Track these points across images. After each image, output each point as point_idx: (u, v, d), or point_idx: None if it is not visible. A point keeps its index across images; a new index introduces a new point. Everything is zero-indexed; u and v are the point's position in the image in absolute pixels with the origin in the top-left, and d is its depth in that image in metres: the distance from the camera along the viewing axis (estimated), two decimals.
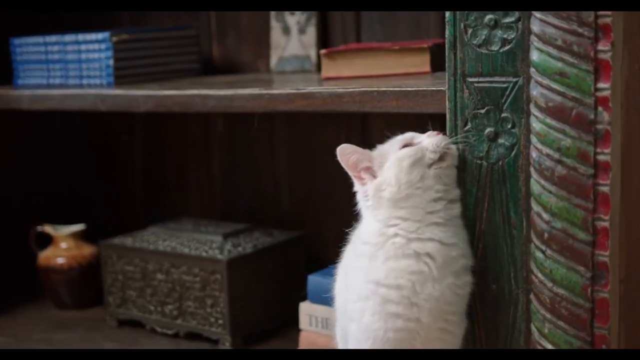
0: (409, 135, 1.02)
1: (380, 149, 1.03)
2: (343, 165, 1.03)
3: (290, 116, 1.73)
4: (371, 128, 1.65)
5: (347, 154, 1.02)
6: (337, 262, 1.13)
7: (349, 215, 1.69)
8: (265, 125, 1.76)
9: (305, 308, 1.42)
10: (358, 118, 1.65)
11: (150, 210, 1.92)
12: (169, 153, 1.91)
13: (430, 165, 0.96)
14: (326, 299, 1.18)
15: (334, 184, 1.69)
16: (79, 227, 1.78)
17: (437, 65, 1.32)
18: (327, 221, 1.72)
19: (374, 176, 1.00)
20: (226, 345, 1.50)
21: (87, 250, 1.77)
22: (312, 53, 1.64)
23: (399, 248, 0.95)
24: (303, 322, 1.43)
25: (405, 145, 0.99)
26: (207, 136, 1.85)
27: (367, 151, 1.03)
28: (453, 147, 0.97)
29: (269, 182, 1.78)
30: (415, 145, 0.98)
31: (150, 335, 1.59)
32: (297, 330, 1.45)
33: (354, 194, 1.67)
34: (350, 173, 1.03)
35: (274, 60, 1.69)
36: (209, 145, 1.85)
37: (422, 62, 1.33)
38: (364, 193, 1.01)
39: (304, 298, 1.43)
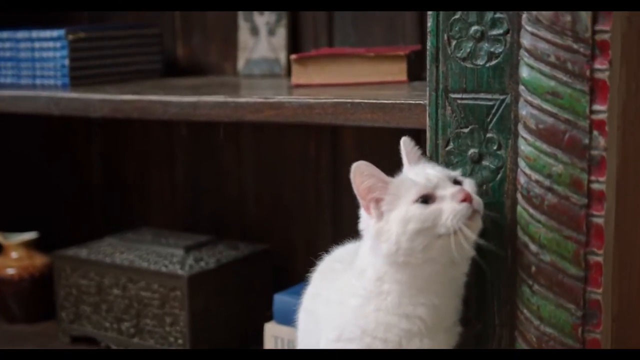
0: (434, 179, 0.85)
1: (402, 179, 0.88)
2: (353, 186, 0.88)
3: (257, 122, 1.64)
4: (342, 137, 1.57)
5: (362, 175, 0.87)
6: (305, 279, 1.05)
7: (317, 226, 1.63)
8: (232, 130, 1.67)
9: (271, 329, 1.34)
10: (329, 129, 1.58)
11: (109, 218, 1.82)
12: (129, 158, 1.81)
13: (440, 237, 0.82)
14: (293, 320, 1.10)
15: (303, 193, 1.61)
16: (31, 235, 1.67)
17: (415, 74, 1.25)
18: (294, 231, 1.64)
19: (381, 214, 0.86)
20: None
21: (40, 260, 1.66)
22: (282, 56, 1.56)
23: (391, 306, 0.86)
24: (268, 343, 1.35)
25: (422, 197, 0.84)
26: (170, 140, 1.76)
27: (387, 179, 0.88)
28: (479, 219, 0.82)
29: (235, 190, 1.70)
30: (432, 206, 0.83)
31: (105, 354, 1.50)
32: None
33: (323, 205, 1.61)
34: (358, 197, 0.88)
35: (241, 63, 1.61)
36: (172, 150, 1.76)
37: (399, 71, 1.26)
38: (366, 226, 0.88)
39: (269, 318, 1.35)
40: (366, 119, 1.03)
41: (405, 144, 0.93)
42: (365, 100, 1.02)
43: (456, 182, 0.85)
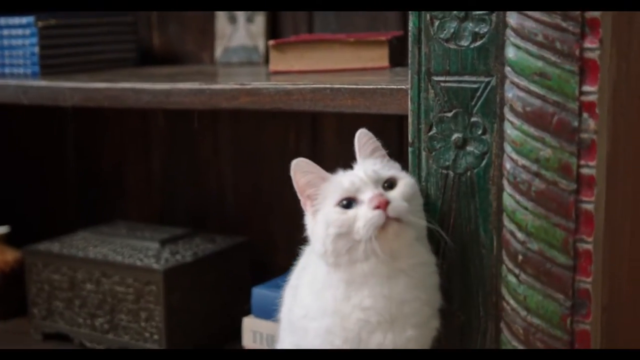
0: (358, 182, 0.82)
1: (333, 179, 0.85)
2: (293, 182, 0.88)
3: (235, 111, 1.60)
4: (323, 127, 1.53)
5: (301, 171, 0.87)
6: (285, 272, 1.02)
7: (296, 218, 1.59)
8: (209, 120, 1.63)
9: (249, 323, 1.30)
10: (308, 114, 1.54)
11: (83, 211, 1.77)
12: (105, 149, 1.76)
13: (361, 241, 0.79)
14: (272, 314, 1.06)
15: (283, 184, 1.56)
16: (1, 229, 1.62)
17: (397, 60, 1.21)
18: (274, 223, 1.60)
19: (314, 212, 0.85)
20: None
21: (11, 255, 1.61)
22: (261, 44, 1.52)
23: (342, 297, 0.83)
24: (247, 338, 1.31)
25: (344, 200, 0.81)
26: (147, 131, 1.71)
27: (325, 175, 0.87)
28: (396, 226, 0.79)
29: (213, 182, 1.66)
30: (351, 211, 0.80)
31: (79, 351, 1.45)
32: (239, 347, 1.33)
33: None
34: (298, 194, 0.88)
35: (219, 51, 1.57)
36: (149, 141, 1.71)
37: (380, 57, 1.22)
38: (307, 224, 0.88)
39: (248, 312, 1.31)
40: (346, 105, 0.99)
41: (360, 137, 0.90)
42: (345, 86, 0.99)
43: (391, 183, 0.82)
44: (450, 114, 0.84)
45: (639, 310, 0.91)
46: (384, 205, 0.79)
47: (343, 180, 0.83)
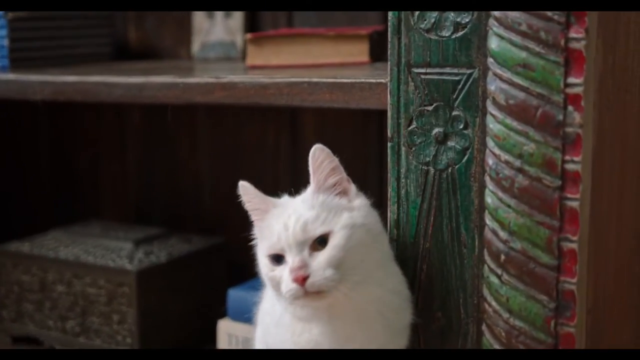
0: (283, 242, 0.78)
1: (266, 220, 0.82)
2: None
3: (213, 108, 1.57)
4: (302, 123, 1.50)
5: (246, 194, 0.85)
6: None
7: None
8: (186, 118, 1.59)
9: (225, 326, 1.27)
10: (288, 112, 1.50)
11: (57, 210, 1.73)
12: (79, 147, 1.72)
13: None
14: (248, 317, 1.02)
15: (261, 182, 1.53)
16: None
17: (377, 54, 1.18)
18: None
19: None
20: None
21: None
22: (239, 39, 1.48)
23: (296, 334, 0.82)
24: (222, 341, 1.27)
25: (273, 255, 0.79)
26: (122, 128, 1.67)
27: (267, 203, 0.83)
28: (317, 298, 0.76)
29: (190, 180, 1.62)
30: (277, 270, 0.78)
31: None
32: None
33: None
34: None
35: (196, 46, 1.53)
36: (124, 139, 1.67)
37: (360, 51, 1.19)
38: None
39: (224, 314, 1.27)
40: (324, 100, 0.96)
41: (316, 155, 0.82)
42: (324, 80, 0.95)
43: (323, 239, 0.78)
44: (430, 108, 0.81)
45: (625, 312, 0.88)
46: (300, 280, 0.76)
47: (273, 229, 0.79)
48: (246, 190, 0.85)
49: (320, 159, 0.81)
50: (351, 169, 0.85)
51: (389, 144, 0.84)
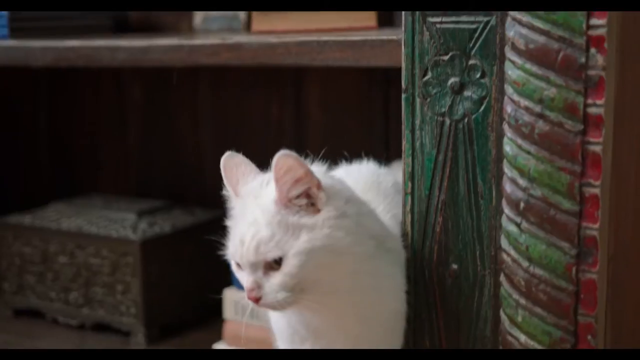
0: (237, 254, 0.77)
1: (235, 212, 0.81)
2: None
3: (216, 80, 1.55)
4: (307, 96, 1.49)
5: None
6: None
7: None
8: (188, 91, 1.58)
9: (231, 295, 1.25)
10: (292, 85, 1.49)
11: (55, 186, 1.71)
12: (78, 121, 1.69)
13: None
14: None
15: (265, 157, 1.51)
16: None
17: (385, 20, 1.17)
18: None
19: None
20: (139, 337, 1.31)
21: None
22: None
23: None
24: (228, 310, 1.26)
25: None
26: (122, 102, 1.65)
27: (256, 172, 0.81)
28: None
29: (192, 155, 1.60)
30: (239, 272, 0.79)
31: (51, 326, 1.39)
32: (220, 320, 1.28)
33: None
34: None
35: (198, 19, 1.51)
36: (124, 113, 1.65)
37: (368, 17, 1.17)
38: None
39: (229, 283, 1.26)
40: (334, 58, 0.95)
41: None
42: (333, 38, 0.94)
43: (276, 260, 0.76)
44: (446, 57, 0.80)
45: None
46: (254, 300, 0.76)
47: (234, 233, 0.78)
48: (231, 160, 0.82)
49: (283, 169, 0.75)
50: (355, 143, 0.83)
51: (403, 96, 0.82)
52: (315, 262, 0.75)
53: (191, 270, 1.37)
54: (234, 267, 0.81)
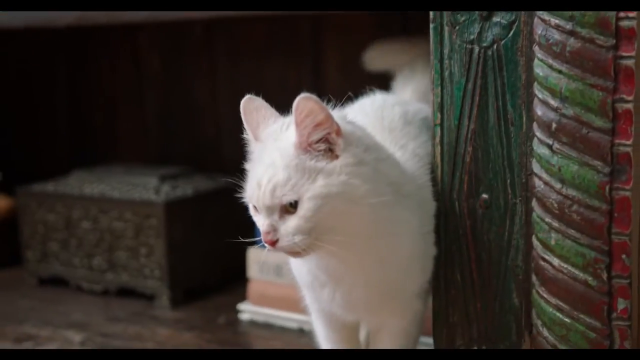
0: (255, 196, 0.77)
1: (255, 153, 0.81)
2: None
3: (233, 49, 1.55)
4: (325, 63, 1.49)
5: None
6: None
7: None
8: (206, 60, 1.58)
9: (255, 254, 1.25)
10: (309, 51, 1.49)
11: (75, 158, 1.71)
12: (96, 93, 1.70)
13: None
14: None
15: None
16: None
17: None
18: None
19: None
20: (163, 300, 1.31)
21: (2, 203, 1.56)
22: None
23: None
24: (252, 269, 1.26)
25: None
26: (140, 74, 1.66)
27: (276, 116, 0.81)
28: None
29: (210, 126, 1.60)
30: (256, 216, 0.78)
31: (76, 293, 1.39)
32: (243, 284, 1.28)
33: None
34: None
35: None
36: (142, 85, 1.66)
37: None
38: None
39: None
40: None
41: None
42: None
43: (294, 204, 0.75)
44: None
45: None
46: (270, 244, 0.76)
47: (252, 175, 0.79)
48: (251, 103, 0.82)
49: (304, 112, 0.75)
50: None
51: (431, 26, 0.82)
52: (330, 207, 0.75)
53: (214, 233, 1.37)
54: (251, 211, 0.80)
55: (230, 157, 1.64)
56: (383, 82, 1.47)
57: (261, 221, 0.77)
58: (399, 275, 0.82)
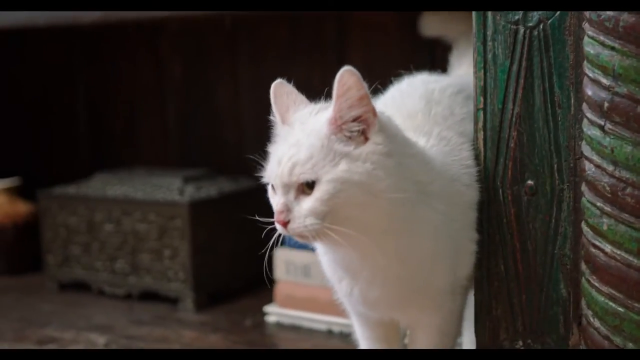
0: (273, 175, 0.75)
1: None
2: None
3: (255, 50, 1.53)
4: (350, 61, 1.46)
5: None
6: None
7: None
8: (228, 64, 1.56)
9: (282, 255, 1.22)
10: (334, 51, 1.47)
11: (95, 163, 1.69)
12: (117, 98, 1.68)
13: None
14: (306, 243, 0.98)
15: None
16: (12, 181, 1.55)
17: None
18: None
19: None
20: (187, 303, 1.28)
21: (23, 207, 1.54)
22: None
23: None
24: (279, 270, 1.23)
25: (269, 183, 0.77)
26: (160, 79, 1.64)
27: (306, 103, 0.79)
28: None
29: (233, 129, 1.58)
30: (274, 199, 0.76)
31: (98, 297, 1.36)
32: (269, 286, 1.25)
33: None
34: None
35: None
36: (163, 90, 1.64)
37: None
38: None
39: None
40: None
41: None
42: None
43: (311, 185, 0.73)
44: None
45: None
46: (282, 224, 0.74)
47: (273, 155, 0.77)
48: (281, 88, 0.80)
49: (347, 84, 0.72)
50: None
51: None
52: (347, 195, 0.72)
53: (238, 235, 1.35)
54: (269, 192, 0.78)
55: (254, 161, 1.62)
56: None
57: (276, 200, 0.74)
58: (421, 274, 0.79)
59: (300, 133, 0.75)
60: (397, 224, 0.75)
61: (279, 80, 0.80)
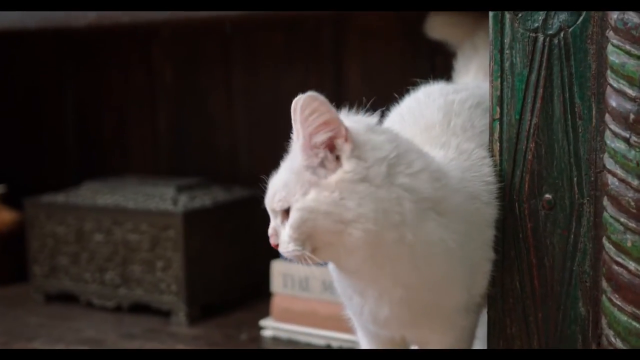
0: (269, 198, 0.73)
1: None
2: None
3: (249, 57, 1.50)
4: (347, 68, 1.43)
5: (314, 108, 0.68)
6: None
7: None
8: (221, 72, 1.52)
9: (279, 267, 1.19)
10: (330, 58, 1.44)
11: (83, 170, 1.65)
12: (107, 105, 1.64)
13: None
14: None
15: None
16: None
17: None
18: None
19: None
20: (180, 317, 1.24)
21: (8, 216, 1.49)
22: None
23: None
24: (276, 283, 1.19)
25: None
26: (152, 86, 1.60)
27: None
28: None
29: (225, 137, 1.54)
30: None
31: (86, 309, 1.32)
32: (264, 299, 1.22)
33: None
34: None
35: None
36: (154, 96, 1.60)
37: None
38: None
39: (268, 265, 1.19)
40: None
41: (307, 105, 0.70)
42: None
43: (286, 211, 0.71)
44: None
45: None
46: (275, 246, 0.73)
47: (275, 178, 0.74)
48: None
49: (307, 110, 0.68)
50: None
51: (490, 14, 0.77)
52: (316, 224, 0.69)
53: (233, 246, 1.31)
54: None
55: (247, 169, 1.58)
56: (406, 87, 1.42)
57: (271, 222, 0.74)
58: (430, 295, 0.75)
59: (288, 158, 0.74)
60: (391, 249, 0.71)
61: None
